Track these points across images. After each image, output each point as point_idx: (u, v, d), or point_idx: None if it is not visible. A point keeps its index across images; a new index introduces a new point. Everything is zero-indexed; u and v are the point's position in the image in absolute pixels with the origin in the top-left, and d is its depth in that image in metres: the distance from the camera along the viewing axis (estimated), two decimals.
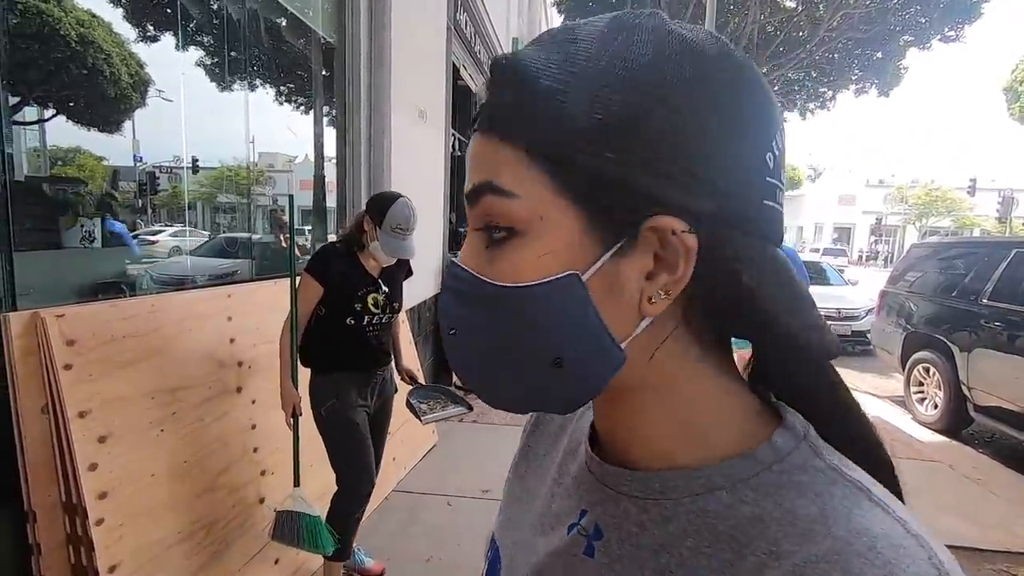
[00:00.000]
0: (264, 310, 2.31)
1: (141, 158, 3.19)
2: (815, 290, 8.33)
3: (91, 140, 2.15)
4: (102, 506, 1.48)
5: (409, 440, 3.23)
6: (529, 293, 0.33)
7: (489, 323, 0.35)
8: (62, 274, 2.03)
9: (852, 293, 8.58)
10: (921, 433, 4.55)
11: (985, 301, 4.33)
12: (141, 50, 3.16)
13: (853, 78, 14.12)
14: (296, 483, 2.01)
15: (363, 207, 3.89)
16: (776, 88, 14.76)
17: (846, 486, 0.32)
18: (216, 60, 3.30)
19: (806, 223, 44.99)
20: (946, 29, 12.69)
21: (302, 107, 4.18)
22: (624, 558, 0.37)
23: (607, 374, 0.34)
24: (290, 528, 1.91)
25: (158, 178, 3.34)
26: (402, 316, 2.24)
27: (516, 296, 0.33)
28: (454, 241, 6.20)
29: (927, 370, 4.89)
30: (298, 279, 1.95)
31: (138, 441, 1.63)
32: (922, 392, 4.96)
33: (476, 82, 7.49)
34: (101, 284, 2.12)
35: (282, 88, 3.89)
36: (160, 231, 3.60)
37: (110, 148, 2.81)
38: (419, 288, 4.55)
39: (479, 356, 0.36)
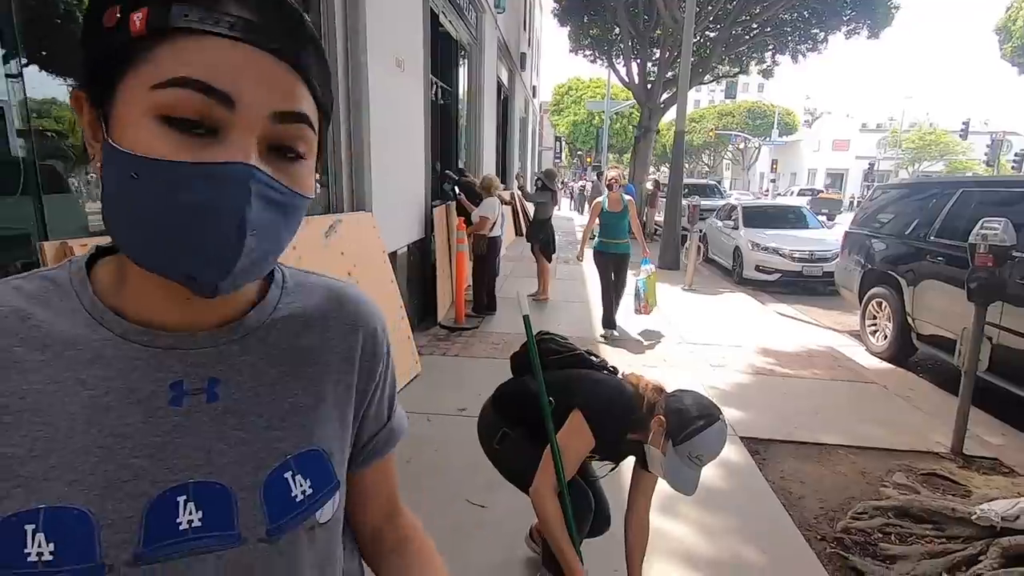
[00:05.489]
0: None
1: None
2: (795, 233, 8.65)
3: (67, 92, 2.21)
4: None
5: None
6: (308, 201, 0.46)
7: (285, 225, 0.44)
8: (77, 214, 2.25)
9: (828, 236, 8.89)
10: (870, 362, 4.93)
11: (932, 238, 4.62)
12: None
13: (844, 18, 13.91)
14: None
15: (349, 177, 3.94)
16: (769, 30, 14.53)
17: (307, 273, 0.58)
18: None
19: (800, 168, 44.75)
20: None
21: None
22: (247, 380, 0.49)
23: None
24: None
25: None
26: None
27: (304, 204, 0.45)
28: (439, 189, 6.38)
29: (880, 304, 5.23)
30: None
31: None
32: (875, 325, 5.32)
33: (456, 28, 7.47)
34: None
35: None
36: None
37: None
38: (402, 235, 4.81)
39: (265, 251, 0.43)
